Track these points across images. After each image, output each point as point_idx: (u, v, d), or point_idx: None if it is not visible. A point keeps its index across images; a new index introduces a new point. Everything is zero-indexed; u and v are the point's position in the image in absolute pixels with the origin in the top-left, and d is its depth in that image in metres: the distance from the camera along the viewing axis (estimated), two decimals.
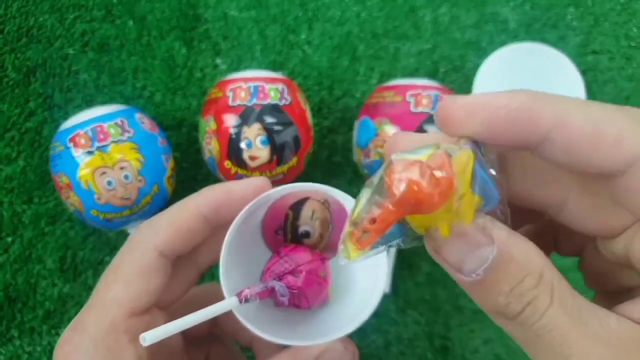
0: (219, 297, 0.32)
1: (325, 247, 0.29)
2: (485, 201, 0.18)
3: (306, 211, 0.28)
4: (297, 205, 0.28)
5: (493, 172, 0.18)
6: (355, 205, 0.18)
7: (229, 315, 0.31)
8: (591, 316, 0.16)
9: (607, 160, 0.17)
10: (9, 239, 0.45)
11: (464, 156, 0.17)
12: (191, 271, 0.28)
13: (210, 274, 0.33)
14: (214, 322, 0.32)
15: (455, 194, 0.17)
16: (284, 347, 0.26)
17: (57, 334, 0.44)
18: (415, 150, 0.17)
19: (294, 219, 0.28)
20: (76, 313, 0.44)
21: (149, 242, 0.24)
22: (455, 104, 0.18)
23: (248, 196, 0.24)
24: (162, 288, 0.25)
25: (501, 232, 0.18)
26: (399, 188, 0.17)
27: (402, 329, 0.46)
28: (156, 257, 0.24)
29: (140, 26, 0.49)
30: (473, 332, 0.46)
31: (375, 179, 0.18)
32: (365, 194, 0.18)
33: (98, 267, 0.45)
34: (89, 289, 0.45)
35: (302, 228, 0.28)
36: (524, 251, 0.17)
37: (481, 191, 0.17)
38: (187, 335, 0.29)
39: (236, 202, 0.24)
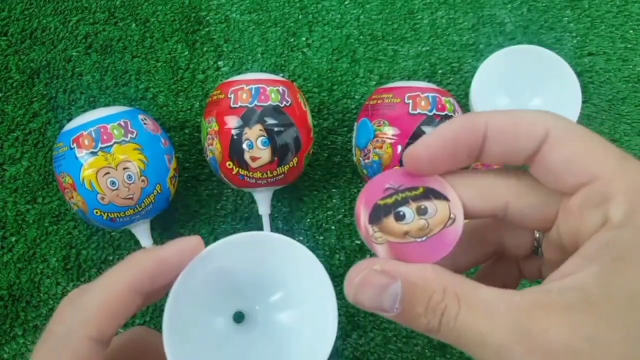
0: (149, 344, 0.28)
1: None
2: None
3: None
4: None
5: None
6: None
7: None
8: (494, 300, 0.19)
9: (525, 140, 0.21)
10: (13, 238, 0.46)
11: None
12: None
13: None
14: None
15: None
16: None
17: None
18: None
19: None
20: None
21: (79, 332, 0.21)
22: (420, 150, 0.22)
23: (184, 261, 0.23)
24: None
25: (400, 268, 0.21)
26: None
27: (400, 326, 0.46)
28: (91, 348, 0.22)
29: (143, 28, 0.50)
30: None
31: None
32: None
33: (101, 265, 0.46)
34: None
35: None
36: (422, 277, 0.20)
37: None
38: None
39: (171, 270, 0.23)
